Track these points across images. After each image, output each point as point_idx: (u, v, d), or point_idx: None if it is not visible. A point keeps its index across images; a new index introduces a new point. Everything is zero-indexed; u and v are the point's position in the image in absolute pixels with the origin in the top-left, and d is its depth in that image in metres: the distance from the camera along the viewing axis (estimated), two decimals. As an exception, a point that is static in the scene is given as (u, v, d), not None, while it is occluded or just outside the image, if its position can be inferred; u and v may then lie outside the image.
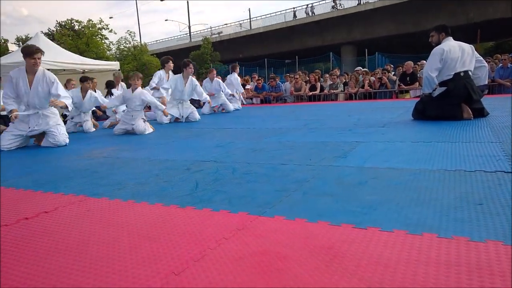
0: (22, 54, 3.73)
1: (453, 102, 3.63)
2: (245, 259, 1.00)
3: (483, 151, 2.13)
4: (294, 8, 26.85)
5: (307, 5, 25.72)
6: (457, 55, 3.63)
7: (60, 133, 3.93)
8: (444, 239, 1.04)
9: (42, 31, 17.96)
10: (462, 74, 3.62)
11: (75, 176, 2.25)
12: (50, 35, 22.77)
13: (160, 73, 6.56)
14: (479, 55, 3.87)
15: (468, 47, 3.72)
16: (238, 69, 8.47)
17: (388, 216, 1.24)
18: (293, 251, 1.04)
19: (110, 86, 6.68)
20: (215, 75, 7.58)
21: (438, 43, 3.82)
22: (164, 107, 5.32)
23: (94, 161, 2.79)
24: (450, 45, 3.69)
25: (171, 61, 6.70)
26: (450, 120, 3.55)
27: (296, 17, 26.27)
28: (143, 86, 5.28)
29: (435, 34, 3.88)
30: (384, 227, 1.15)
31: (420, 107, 3.89)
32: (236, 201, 1.52)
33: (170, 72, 6.61)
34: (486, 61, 8.15)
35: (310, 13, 25.57)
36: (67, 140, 3.94)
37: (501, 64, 7.84)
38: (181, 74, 5.98)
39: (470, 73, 3.69)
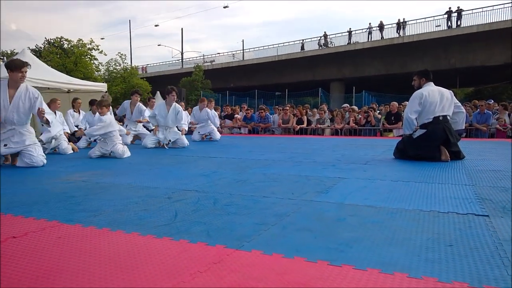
0: (6, 69, 3.63)
1: (432, 144, 3.78)
2: (217, 294, 0.99)
3: (457, 193, 2.21)
4: (302, 40, 27.01)
5: (320, 37, 26.11)
6: (436, 99, 3.82)
7: (38, 153, 3.83)
8: (414, 279, 1.07)
9: (29, 47, 17.73)
10: (441, 118, 3.80)
11: (50, 200, 2.18)
12: (37, 52, 22.50)
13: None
14: (457, 101, 4.08)
15: (447, 93, 3.91)
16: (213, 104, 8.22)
17: (363, 254, 1.26)
18: (267, 287, 1.04)
19: (91, 104, 6.69)
20: (205, 106, 7.71)
21: (419, 87, 4.02)
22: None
23: (72, 184, 2.74)
24: (430, 89, 3.89)
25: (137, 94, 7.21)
26: (428, 161, 3.68)
27: (304, 49, 26.59)
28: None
29: (416, 78, 4.09)
30: (358, 265, 1.16)
31: (401, 147, 4.02)
32: (214, 233, 1.52)
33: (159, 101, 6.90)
34: (465, 106, 8.55)
35: (323, 46, 25.85)
36: (45, 161, 3.85)
37: (478, 110, 8.25)
38: (165, 100, 6.18)
39: (448, 117, 3.88)
